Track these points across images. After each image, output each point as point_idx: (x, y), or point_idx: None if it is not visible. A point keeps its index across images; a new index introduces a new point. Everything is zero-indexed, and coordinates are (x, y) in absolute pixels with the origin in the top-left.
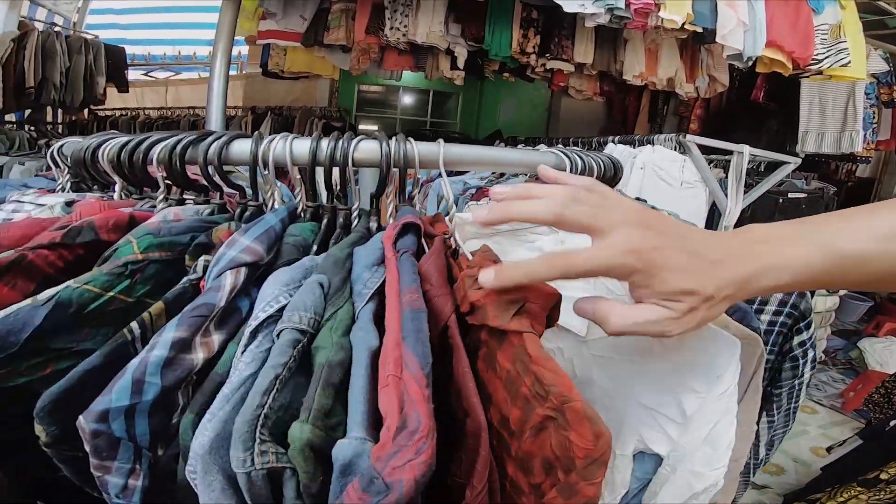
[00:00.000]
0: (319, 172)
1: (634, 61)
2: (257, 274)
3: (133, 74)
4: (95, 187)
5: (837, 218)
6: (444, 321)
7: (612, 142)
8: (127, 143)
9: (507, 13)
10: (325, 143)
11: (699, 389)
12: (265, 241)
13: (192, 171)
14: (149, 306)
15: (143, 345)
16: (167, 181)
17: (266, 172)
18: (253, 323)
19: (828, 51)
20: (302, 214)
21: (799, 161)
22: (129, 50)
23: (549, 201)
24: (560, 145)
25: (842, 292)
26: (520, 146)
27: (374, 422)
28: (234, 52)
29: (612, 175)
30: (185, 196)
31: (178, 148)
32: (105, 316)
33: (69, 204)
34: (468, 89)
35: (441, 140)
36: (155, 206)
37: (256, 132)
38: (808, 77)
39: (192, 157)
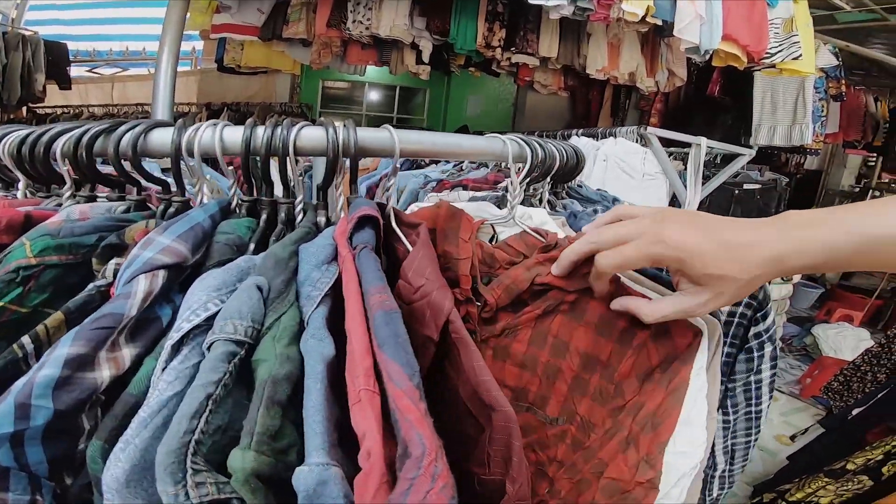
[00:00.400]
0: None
1: (597, 55)
2: (182, 278)
3: (77, 71)
4: None
5: (867, 205)
6: (444, 316)
7: (576, 134)
8: (28, 135)
9: (472, 6)
10: (261, 131)
11: None
12: (189, 239)
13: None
14: (46, 316)
15: (38, 361)
16: (75, 177)
17: (192, 164)
18: (175, 335)
19: (780, 44)
20: (237, 210)
21: (753, 153)
22: (73, 46)
23: (586, 244)
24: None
25: (795, 279)
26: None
27: (336, 441)
28: (188, 46)
29: (574, 164)
30: (97, 192)
31: (85, 139)
32: None
33: None
34: (435, 85)
35: (388, 125)
36: (61, 205)
37: (181, 119)
38: (761, 71)
39: (102, 150)
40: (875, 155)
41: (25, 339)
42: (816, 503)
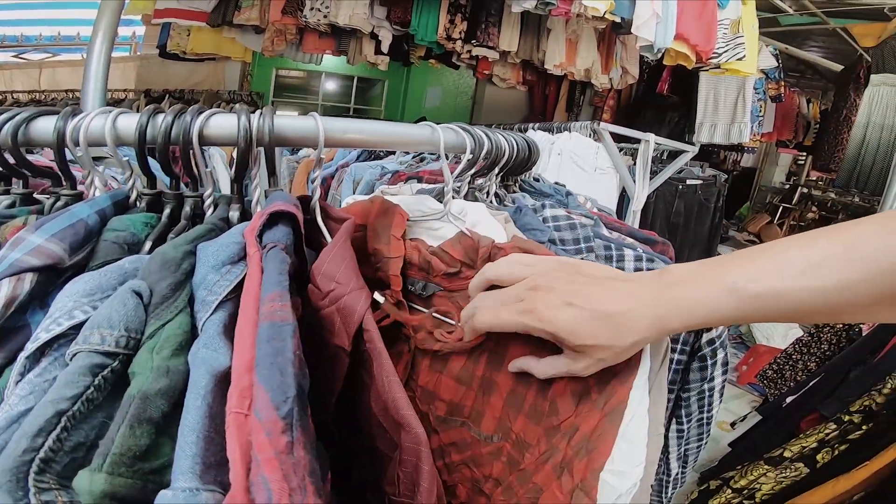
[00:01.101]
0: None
1: (556, 51)
2: (60, 280)
3: (2, 57)
4: None
5: (745, 259)
6: (356, 323)
7: (533, 128)
8: None
9: None
10: (160, 118)
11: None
12: (67, 238)
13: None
14: None
15: None
16: None
17: (80, 153)
18: (31, 346)
19: (727, 45)
20: (137, 203)
21: (696, 150)
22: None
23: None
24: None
25: None
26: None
27: (216, 463)
28: (128, 31)
29: (526, 156)
30: None
31: None
32: None
33: None
34: (394, 76)
35: (315, 113)
36: None
37: (69, 107)
38: (707, 70)
39: None
40: (805, 154)
41: None
42: (759, 489)
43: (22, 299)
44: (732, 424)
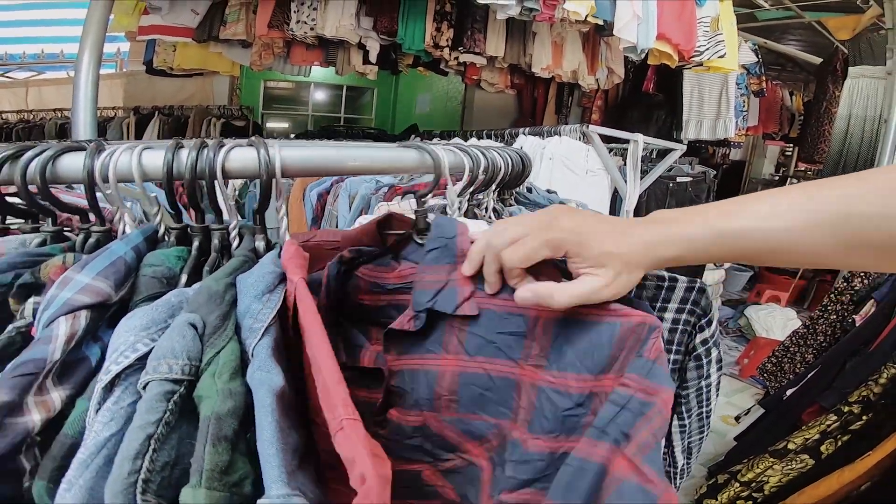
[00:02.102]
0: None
1: (542, 54)
2: (108, 314)
3: None
4: None
5: (724, 203)
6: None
7: (523, 133)
8: None
9: (420, 6)
10: (185, 154)
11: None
12: (111, 275)
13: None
14: None
15: None
16: None
17: (109, 191)
18: (105, 377)
19: (708, 42)
20: (165, 238)
21: (685, 147)
22: None
23: (480, 246)
24: (474, 138)
25: (727, 265)
26: (435, 140)
27: (296, 466)
28: (113, 48)
29: (520, 170)
30: (7, 224)
31: None
32: None
33: None
34: (383, 84)
35: (328, 142)
36: None
37: (94, 141)
38: (690, 68)
39: (8, 177)
40: (791, 145)
41: None
42: (766, 482)
43: (79, 336)
44: (737, 418)
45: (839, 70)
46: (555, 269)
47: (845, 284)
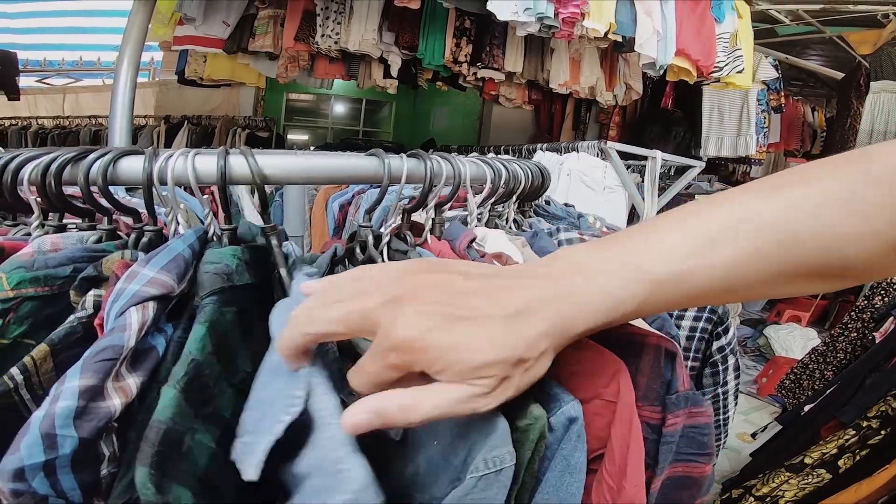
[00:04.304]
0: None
1: (560, 70)
2: (169, 307)
3: (25, 81)
4: None
5: (639, 237)
6: None
7: (541, 149)
8: None
9: (440, 22)
10: (234, 160)
11: None
12: (174, 270)
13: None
14: (28, 347)
15: (28, 391)
16: (42, 206)
17: (165, 193)
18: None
19: (727, 58)
20: (215, 239)
21: (703, 164)
22: (23, 55)
23: (292, 330)
24: (492, 153)
25: None
26: (453, 155)
27: None
28: (147, 57)
29: (540, 182)
30: (66, 222)
31: (54, 167)
32: None
33: None
34: (401, 98)
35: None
36: (30, 234)
37: (150, 147)
38: (709, 84)
39: (71, 178)
40: None
41: (14, 371)
42: (782, 496)
43: (148, 325)
44: (753, 435)
45: (863, 85)
46: None
47: (866, 302)
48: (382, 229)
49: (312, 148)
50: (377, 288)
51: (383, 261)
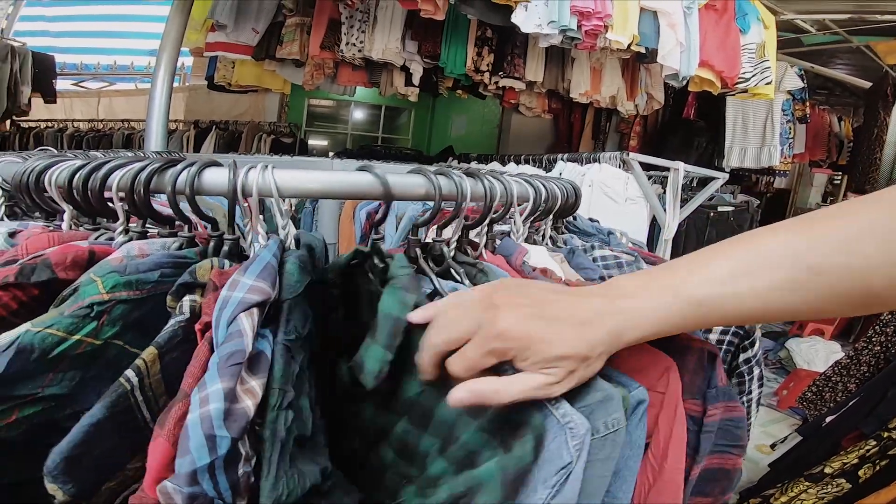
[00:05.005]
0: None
1: (580, 79)
2: (265, 312)
3: (62, 84)
4: (37, 214)
5: (687, 265)
6: None
7: (562, 159)
8: (81, 167)
9: (463, 31)
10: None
11: None
12: (267, 277)
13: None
14: (116, 348)
15: (142, 393)
16: (127, 212)
17: (246, 204)
18: None
19: (754, 69)
20: (291, 246)
21: (727, 176)
22: (60, 59)
23: (428, 349)
24: (512, 163)
25: None
26: (472, 163)
27: None
28: (178, 63)
29: (573, 201)
30: (147, 228)
31: (143, 175)
32: (71, 360)
33: (11, 235)
34: (420, 105)
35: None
36: (112, 239)
37: (232, 159)
38: (734, 94)
39: (158, 187)
40: (840, 174)
41: (129, 373)
42: None
43: (256, 330)
44: (772, 446)
45: (889, 95)
46: None
47: (891, 316)
48: (447, 245)
49: (331, 154)
50: (477, 302)
51: (456, 270)
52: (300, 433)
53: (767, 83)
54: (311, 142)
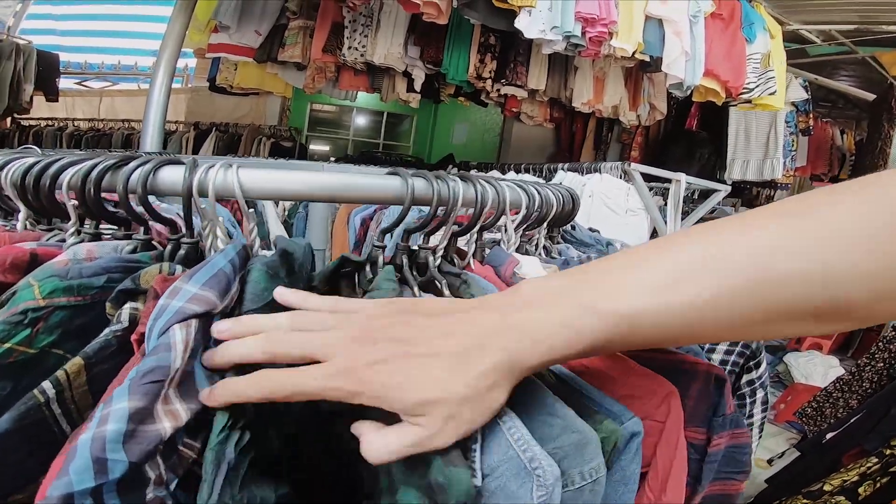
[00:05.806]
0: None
1: (583, 88)
2: (210, 324)
3: (65, 83)
4: None
5: (603, 269)
6: None
7: (562, 169)
8: (33, 164)
9: (465, 38)
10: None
11: None
12: (216, 286)
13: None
14: (56, 357)
15: (60, 406)
16: (79, 212)
17: (203, 206)
18: None
19: (758, 79)
20: (259, 252)
21: (729, 188)
22: (65, 57)
23: (258, 339)
24: (513, 172)
25: None
26: (472, 172)
27: None
28: (180, 64)
29: (570, 209)
30: (101, 229)
31: (94, 173)
32: (1, 369)
33: None
34: (422, 112)
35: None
36: (64, 241)
37: (192, 158)
38: (737, 105)
39: (110, 185)
40: None
41: (46, 385)
42: None
43: (192, 345)
44: (770, 461)
45: (894, 107)
46: None
47: (894, 333)
48: (433, 253)
49: (332, 160)
50: (344, 323)
51: (439, 281)
52: (261, 454)
53: (771, 94)
54: (313, 147)
